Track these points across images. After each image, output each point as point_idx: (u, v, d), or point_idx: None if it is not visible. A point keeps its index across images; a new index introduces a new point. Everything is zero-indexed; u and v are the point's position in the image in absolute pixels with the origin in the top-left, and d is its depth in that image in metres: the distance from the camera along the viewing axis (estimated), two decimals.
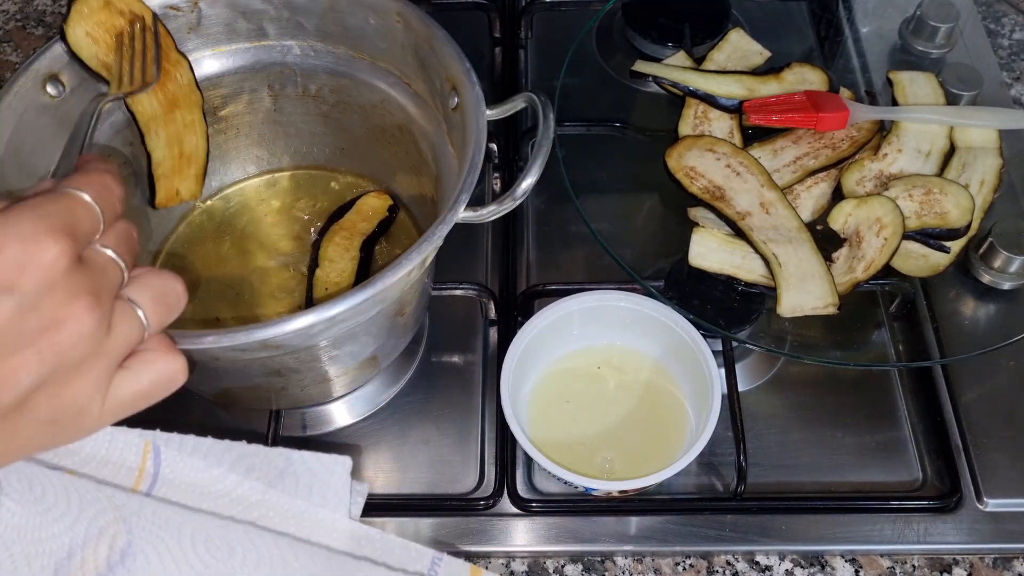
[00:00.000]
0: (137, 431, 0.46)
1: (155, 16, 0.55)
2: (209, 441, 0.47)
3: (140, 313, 0.35)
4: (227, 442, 0.47)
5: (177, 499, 0.46)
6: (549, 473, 0.53)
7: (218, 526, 0.45)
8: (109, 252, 0.34)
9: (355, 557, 0.47)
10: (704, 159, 0.67)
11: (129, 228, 0.36)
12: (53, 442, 0.35)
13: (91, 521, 0.44)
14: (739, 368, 0.63)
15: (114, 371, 0.35)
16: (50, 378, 0.32)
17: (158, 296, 0.36)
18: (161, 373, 0.37)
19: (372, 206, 0.65)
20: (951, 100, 0.72)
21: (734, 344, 0.61)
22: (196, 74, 0.60)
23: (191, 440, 0.47)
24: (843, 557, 0.56)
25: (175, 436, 0.47)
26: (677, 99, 0.72)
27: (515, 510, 0.57)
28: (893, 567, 0.56)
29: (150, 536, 0.45)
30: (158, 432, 0.47)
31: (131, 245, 0.36)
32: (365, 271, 0.62)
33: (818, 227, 0.64)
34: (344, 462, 0.48)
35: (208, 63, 0.61)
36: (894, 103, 0.72)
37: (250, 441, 0.49)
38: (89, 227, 0.34)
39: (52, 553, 0.44)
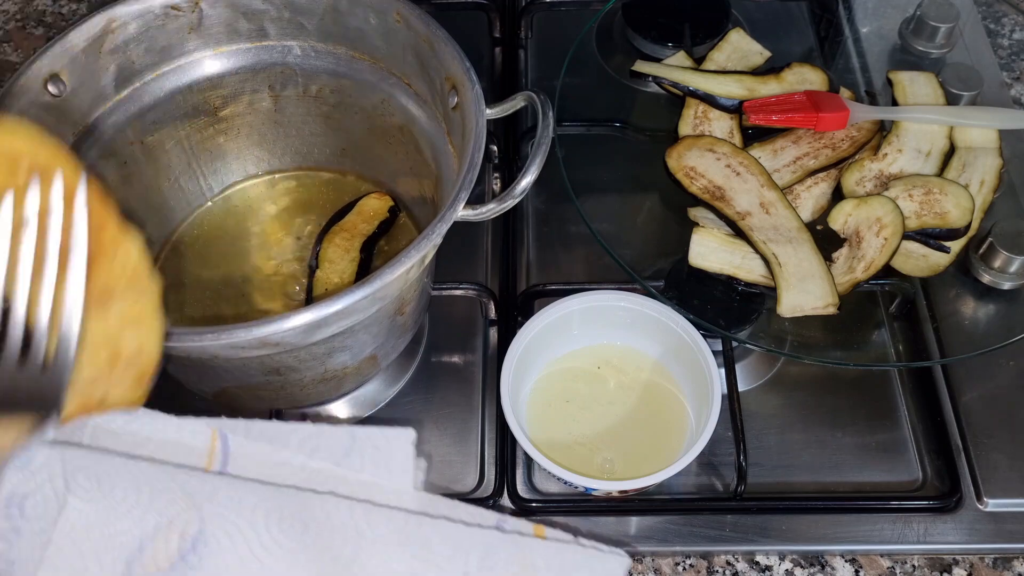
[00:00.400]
0: (203, 419, 0.46)
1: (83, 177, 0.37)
2: (274, 424, 0.47)
3: None
4: (292, 423, 0.46)
5: (251, 476, 0.46)
6: (549, 473, 0.53)
7: (291, 502, 0.45)
8: None
9: (432, 517, 0.46)
10: (704, 159, 0.67)
11: None
12: None
13: (161, 511, 0.44)
14: (739, 368, 0.63)
15: None
16: None
17: None
18: None
19: (373, 207, 0.65)
20: (951, 100, 0.72)
21: (734, 344, 0.61)
22: (197, 75, 0.61)
23: (257, 424, 0.47)
24: (843, 557, 0.56)
25: (240, 422, 0.47)
26: (677, 99, 0.72)
27: (515, 510, 0.57)
28: (893, 567, 0.56)
29: (222, 521, 0.44)
30: (223, 419, 0.46)
31: None
32: (365, 272, 0.62)
33: (818, 227, 0.64)
34: (408, 435, 0.47)
35: (209, 63, 0.61)
36: (894, 103, 0.72)
37: None
38: None
39: (122, 547, 0.44)
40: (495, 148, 0.74)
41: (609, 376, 0.60)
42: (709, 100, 0.70)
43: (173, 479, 0.45)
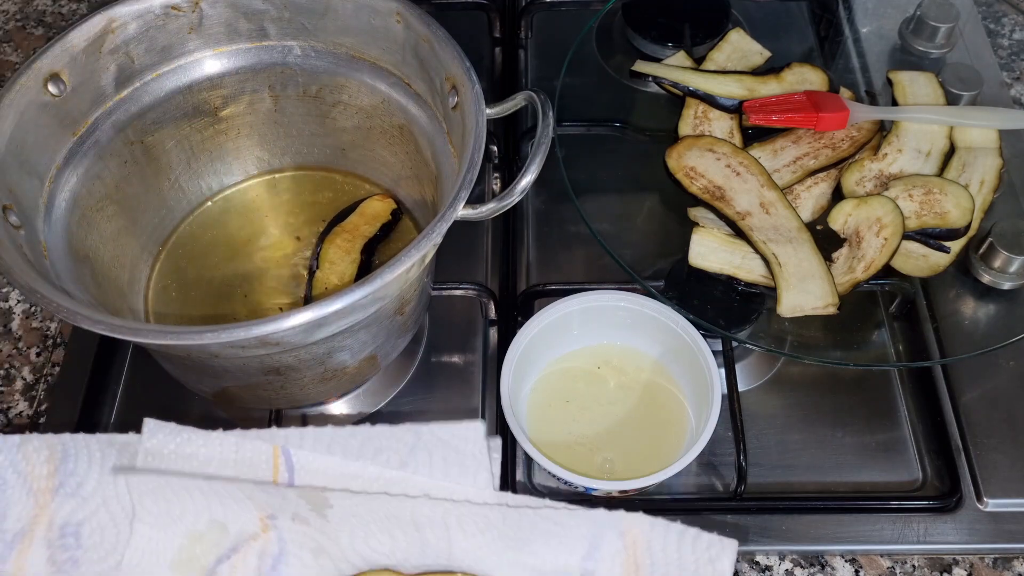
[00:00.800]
0: (261, 434, 0.45)
1: None
2: (330, 431, 0.46)
3: None
4: (350, 428, 0.45)
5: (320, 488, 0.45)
6: (549, 473, 0.53)
7: (378, 515, 0.44)
8: None
9: (533, 508, 0.44)
10: (704, 159, 0.67)
11: None
12: None
13: (238, 534, 0.43)
14: (739, 368, 0.63)
15: None
16: None
17: None
18: None
19: (375, 209, 0.65)
20: (951, 100, 0.72)
21: (734, 344, 0.61)
22: (197, 75, 0.61)
23: (311, 432, 0.45)
24: (843, 557, 0.56)
25: (294, 432, 0.45)
26: (677, 99, 0.72)
27: None
28: (893, 567, 0.56)
29: (304, 539, 0.43)
30: (275, 430, 0.45)
31: None
32: (365, 274, 0.62)
33: (818, 227, 0.65)
34: (477, 428, 0.46)
35: (209, 63, 0.61)
36: (894, 103, 0.72)
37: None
38: None
39: (198, 572, 0.43)
40: (495, 148, 0.74)
41: (609, 376, 0.60)
42: (709, 100, 0.70)
43: (250, 498, 0.44)
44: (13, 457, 0.45)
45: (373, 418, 0.61)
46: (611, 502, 0.57)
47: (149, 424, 0.45)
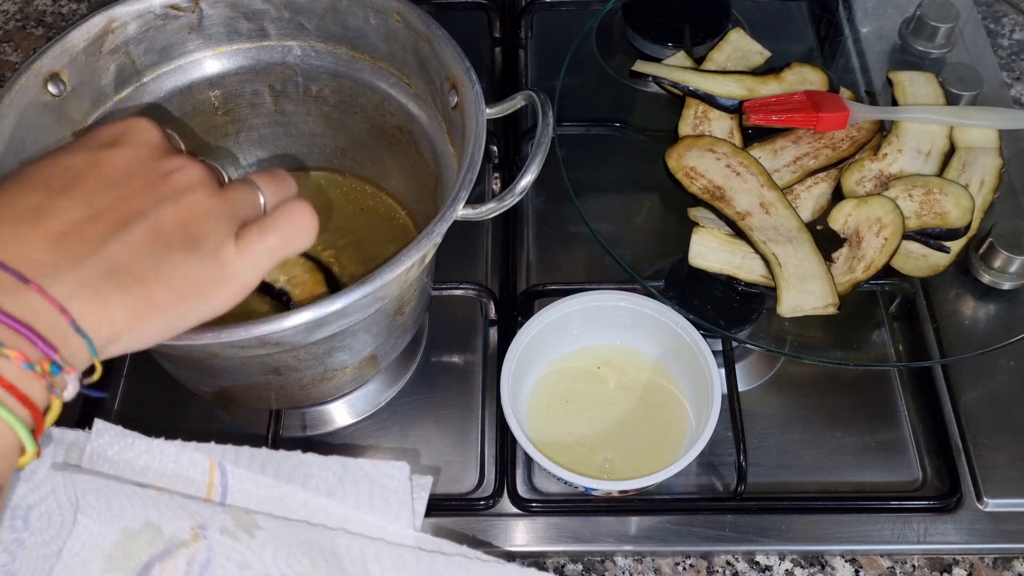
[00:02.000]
0: (201, 448, 0.46)
1: None
2: (265, 452, 0.47)
3: (254, 186, 0.40)
4: (282, 452, 0.47)
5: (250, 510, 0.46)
6: (549, 473, 0.53)
7: (300, 537, 0.45)
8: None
9: (445, 554, 0.45)
10: (704, 159, 0.67)
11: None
12: (200, 297, 0.36)
13: (170, 538, 0.44)
14: (739, 368, 0.63)
15: (239, 219, 0.38)
16: (177, 214, 0.36)
17: (268, 178, 0.41)
18: (291, 221, 0.39)
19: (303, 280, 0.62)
20: (951, 100, 0.72)
21: (734, 344, 0.61)
22: (197, 75, 0.60)
23: (246, 451, 0.47)
24: (843, 557, 0.56)
25: (231, 449, 0.46)
26: (677, 99, 0.72)
27: (515, 510, 0.57)
28: (893, 567, 0.56)
29: (231, 552, 0.44)
30: (213, 445, 0.46)
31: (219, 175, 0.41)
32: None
33: (818, 227, 0.65)
34: (402, 468, 0.47)
35: (209, 63, 0.61)
36: (894, 103, 0.72)
37: (251, 442, 0.49)
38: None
39: (129, 570, 0.44)
40: (495, 148, 0.74)
41: (609, 376, 0.60)
42: (709, 100, 0.70)
43: (183, 507, 0.45)
44: None
45: (374, 417, 0.62)
46: (610, 502, 0.57)
47: (98, 425, 0.46)
